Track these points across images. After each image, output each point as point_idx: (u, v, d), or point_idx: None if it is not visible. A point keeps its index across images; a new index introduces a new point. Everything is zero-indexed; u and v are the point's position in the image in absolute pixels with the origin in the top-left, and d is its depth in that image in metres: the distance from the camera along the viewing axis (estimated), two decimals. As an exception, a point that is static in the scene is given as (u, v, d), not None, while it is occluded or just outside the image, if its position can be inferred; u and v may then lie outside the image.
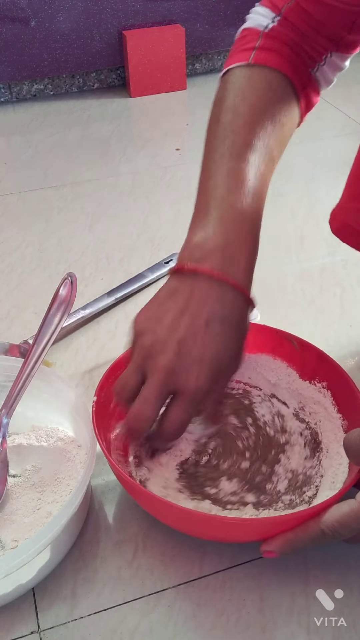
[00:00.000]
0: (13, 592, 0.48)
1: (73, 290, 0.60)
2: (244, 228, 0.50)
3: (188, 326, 0.47)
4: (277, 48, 0.57)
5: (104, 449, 0.51)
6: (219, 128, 0.55)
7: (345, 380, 0.56)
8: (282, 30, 0.58)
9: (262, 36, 0.58)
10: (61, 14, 1.38)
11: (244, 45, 0.59)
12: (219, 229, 0.50)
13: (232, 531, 0.49)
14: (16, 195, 1.11)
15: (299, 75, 0.57)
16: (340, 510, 0.45)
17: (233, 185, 0.51)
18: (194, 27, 1.48)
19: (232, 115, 0.54)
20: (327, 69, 0.60)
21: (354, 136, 1.22)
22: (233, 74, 0.57)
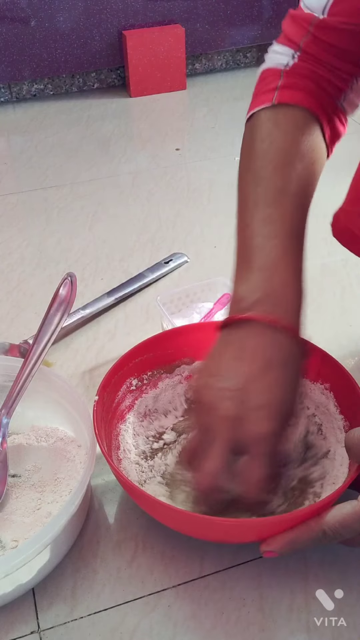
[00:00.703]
0: (13, 592, 0.48)
1: (73, 290, 0.60)
2: (287, 273, 0.49)
3: (244, 373, 0.46)
4: (300, 84, 0.56)
5: (104, 450, 0.51)
6: (250, 176, 0.54)
7: (349, 382, 0.56)
8: (303, 65, 0.57)
9: (283, 75, 0.57)
10: (61, 14, 1.38)
11: (266, 86, 0.58)
12: (262, 277, 0.49)
13: (232, 533, 0.49)
14: (16, 195, 1.11)
15: (323, 108, 0.57)
16: (342, 510, 0.45)
17: (271, 232, 0.51)
18: (194, 27, 1.48)
19: (260, 162, 0.54)
20: (352, 95, 0.59)
21: (355, 136, 1.22)
22: (258, 118, 0.57)
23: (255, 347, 0.47)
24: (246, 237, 0.52)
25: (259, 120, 0.57)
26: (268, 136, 0.55)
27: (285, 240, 0.50)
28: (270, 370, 0.46)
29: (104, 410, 0.56)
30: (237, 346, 0.47)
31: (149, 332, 0.67)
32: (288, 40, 0.58)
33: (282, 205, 0.52)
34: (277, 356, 0.46)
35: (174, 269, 0.89)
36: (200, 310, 0.74)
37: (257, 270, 0.49)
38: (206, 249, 0.93)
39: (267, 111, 0.56)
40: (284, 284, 0.49)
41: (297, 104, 0.56)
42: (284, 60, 0.58)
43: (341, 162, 0.73)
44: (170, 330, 0.65)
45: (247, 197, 0.54)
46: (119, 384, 0.60)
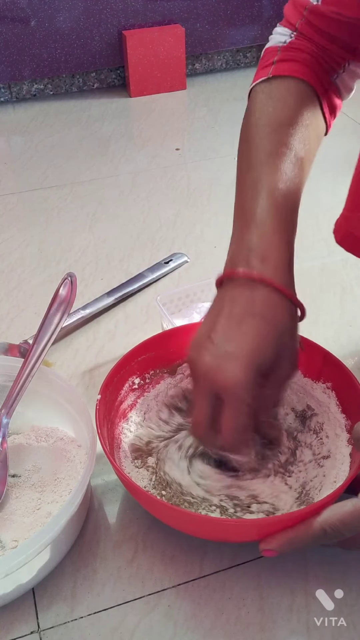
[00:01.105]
0: (13, 592, 0.49)
1: (73, 290, 0.60)
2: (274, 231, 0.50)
3: (221, 325, 0.47)
4: (295, 57, 0.58)
5: (106, 449, 0.51)
6: (244, 145, 0.56)
7: (351, 381, 0.56)
8: (299, 42, 0.59)
9: (280, 50, 0.59)
10: (61, 14, 1.38)
11: (264, 62, 0.60)
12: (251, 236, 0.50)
13: (233, 532, 0.49)
14: (16, 195, 1.11)
15: (319, 79, 0.58)
16: (343, 508, 0.45)
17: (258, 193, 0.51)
18: (194, 27, 1.48)
19: (254, 130, 0.55)
20: (346, 76, 0.60)
21: (354, 136, 1.22)
22: (255, 92, 0.59)
23: (232, 302, 0.48)
24: (239, 201, 0.53)
25: (254, 94, 0.58)
26: (260, 106, 0.56)
27: (274, 200, 0.51)
28: (246, 321, 0.47)
29: (106, 409, 0.56)
30: (218, 302, 0.49)
31: (149, 332, 0.67)
32: (287, 22, 0.60)
33: (272, 167, 0.52)
34: (257, 309, 0.47)
35: (174, 269, 0.89)
36: (200, 310, 0.74)
37: (248, 230, 0.50)
38: (206, 249, 0.93)
39: (263, 84, 0.58)
40: (272, 237, 0.50)
41: (291, 75, 0.57)
42: (282, 38, 0.60)
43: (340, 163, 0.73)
44: (173, 329, 0.65)
45: (241, 164, 0.55)
46: (121, 383, 0.60)
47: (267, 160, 0.53)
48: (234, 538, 0.51)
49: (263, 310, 0.47)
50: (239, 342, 0.46)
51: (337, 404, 0.58)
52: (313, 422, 0.59)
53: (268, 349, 0.47)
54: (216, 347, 0.46)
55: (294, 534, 0.46)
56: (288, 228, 0.51)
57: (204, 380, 0.47)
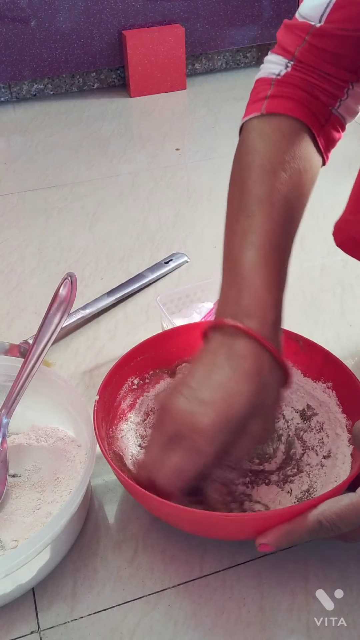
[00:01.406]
0: (13, 592, 0.49)
1: (73, 290, 0.60)
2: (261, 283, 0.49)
3: (199, 373, 0.47)
4: (289, 93, 0.56)
5: (104, 450, 0.51)
6: (235, 188, 0.55)
7: (351, 381, 0.56)
8: (295, 74, 0.57)
9: (273, 84, 0.57)
10: (61, 14, 1.38)
11: (256, 95, 0.58)
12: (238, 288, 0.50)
13: (233, 528, 0.49)
14: (16, 195, 1.11)
15: (315, 116, 0.57)
16: (340, 502, 0.45)
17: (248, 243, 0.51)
18: (194, 27, 1.48)
19: (245, 172, 0.54)
20: (350, 101, 0.59)
21: (354, 136, 1.22)
22: (246, 129, 0.57)
23: (214, 350, 0.48)
24: (228, 249, 0.52)
25: (246, 131, 0.57)
26: (253, 147, 0.55)
27: (263, 250, 0.50)
28: (222, 370, 0.46)
29: (105, 410, 0.56)
30: (202, 351, 0.49)
31: (149, 332, 0.67)
32: (282, 49, 0.58)
33: (263, 215, 0.51)
34: (233, 358, 0.47)
35: (174, 269, 0.89)
36: (200, 310, 0.74)
37: (235, 282, 0.50)
38: (206, 249, 0.93)
39: (255, 121, 0.57)
40: (260, 295, 0.49)
41: (285, 113, 0.55)
42: (276, 69, 0.58)
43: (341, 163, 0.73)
44: (172, 329, 0.65)
45: (232, 209, 0.54)
46: (120, 383, 0.60)
47: (258, 208, 0.52)
48: (232, 534, 0.51)
49: (241, 362, 0.47)
50: (212, 390, 0.46)
51: (338, 404, 0.58)
52: (313, 422, 0.59)
53: (241, 400, 0.46)
54: (190, 391, 0.46)
55: (290, 527, 0.45)
56: (278, 283, 0.50)
57: (171, 420, 0.47)
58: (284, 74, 0.57)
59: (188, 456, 0.46)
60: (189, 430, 0.45)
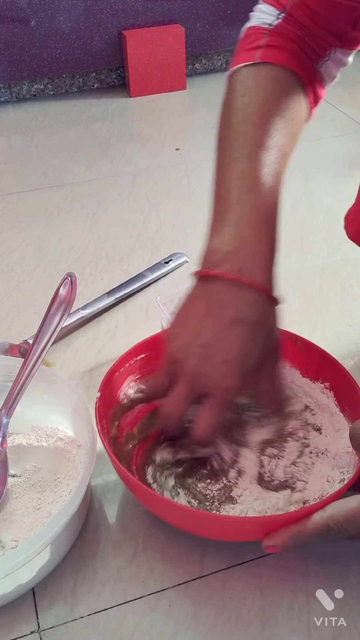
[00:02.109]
0: (13, 592, 0.49)
1: (73, 290, 0.60)
2: (259, 227, 0.50)
3: (211, 329, 0.48)
4: (283, 44, 0.57)
5: (107, 446, 0.51)
6: (229, 130, 0.55)
7: (349, 381, 0.56)
8: (286, 26, 0.58)
9: (267, 33, 0.58)
10: (61, 14, 1.38)
11: (249, 44, 0.59)
12: (234, 231, 0.50)
13: (234, 529, 0.49)
14: (16, 195, 1.11)
15: (305, 69, 0.58)
16: (348, 505, 0.45)
17: (246, 186, 0.51)
18: (194, 27, 1.48)
19: (241, 116, 0.55)
20: (331, 64, 0.60)
21: (354, 136, 1.22)
22: (240, 74, 0.58)
23: (220, 304, 0.49)
24: (222, 190, 0.53)
25: (240, 76, 0.57)
26: (249, 92, 0.56)
27: (259, 195, 0.51)
28: (233, 327, 0.48)
29: (106, 407, 0.56)
30: (205, 302, 0.49)
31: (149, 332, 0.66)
32: (275, 0, 0.59)
33: (258, 160, 0.52)
34: (242, 313, 0.48)
35: (174, 269, 0.89)
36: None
37: (230, 223, 0.50)
38: (206, 249, 0.93)
39: (249, 68, 0.57)
40: (255, 238, 0.50)
41: (279, 63, 0.56)
42: (268, 19, 0.59)
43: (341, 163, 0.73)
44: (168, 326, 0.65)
45: (225, 151, 0.54)
46: (120, 381, 0.60)
47: (254, 152, 0.52)
48: (235, 536, 0.51)
49: (252, 316, 0.48)
50: (229, 348, 0.48)
51: (336, 404, 0.58)
52: (311, 423, 0.59)
53: (255, 352, 0.49)
54: (206, 350, 0.48)
55: (297, 530, 0.46)
56: (272, 225, 0.52)
57: (189, 381, 0.48)
58: (276, 25, 0.58)
59: (218, 411, 0.49)
60: (218, 390, 0.48)
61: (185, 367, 0.48)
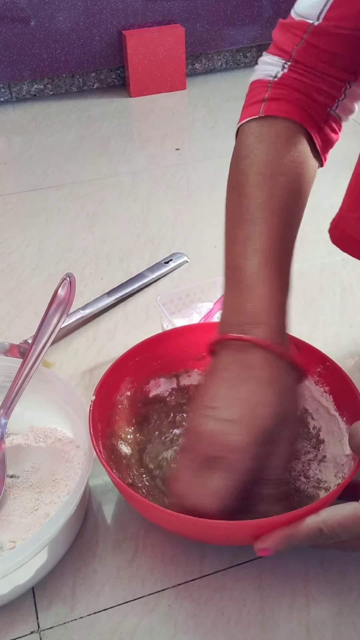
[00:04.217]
0: (11, 593, 0.48)
1: (72, 291, 0.60)
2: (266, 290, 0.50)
3: (219, 393, 0.47)
4: (287, 96, 0.56)
5: (98, 452, 0.51)
6: (234, 193, 0.55)
7: (348, 385, 0.56)
8: (292, 75, 0.57)
9: (271, 86, 0.57)
10: (61, 14, 1.38)
11: (253, 98, 0.58)
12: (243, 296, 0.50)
13: (230, 535, 0.49)
14: (16, 195, 1.11)
15: (312, 118, 0.56)
16: (342, 511, 0.45)
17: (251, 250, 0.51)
18: (194, 27, 1.48)
19: (244, 178, 0.54)
20: (347, 101, 0.59)
21: (354, 136, 1.22)
22: (243, 132, 0.57)
23: (226, 366, 0.48)
24: (230, 257, 0.52)
25: (244, 134, 0.57)
26: (251, 151, 0.55)
27: (266, 257, 0.50)
28: (244, 385, 0.47)
29: (102, 411, 0.56)
30: (214, 369, 0.49)
31: (149, 332, 0.67)
32: (279, 49, 0.58)
33: (264, 222, 0.51)
34: (254, 372, 0.47)
35: (174, 269, 0.89)
36: (200, 310, 0.74)
37: (239, 290, 0.50)
38: (206, 249, 0.93)
39: (252, 124, 0.56)
40: (264, 301, 0.49)
41: (282, 116, 0.55)
42: (272, 71, 0.58)
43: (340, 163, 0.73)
44: (170, 330, 0.65)
45: (231, 215, 0.54)
46: (117, 384, 0.60)
47: (259, 214, 0.52)
48: (229, 541, 0.51)
49: (258, 373, 0.47)
50: (238, 406, 0.46)
51: (335, 408, 0.58)
52: (311, 426, 0.59)
53: (267, 411, 0.46)
54: (217, 412, 0.46)
55: (290, 532, 0.45)
56: (282, 288, 0.51)
57: (202, 444, 0.46)
58: (280, 76, 0.57)
59: (227, 475, 0.46)
60: (224, 450, 0.45)
61: (200, 431, 0.47)
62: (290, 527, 0.45)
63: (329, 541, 0.45)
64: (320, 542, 0.45)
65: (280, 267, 0.51)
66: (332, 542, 0.45)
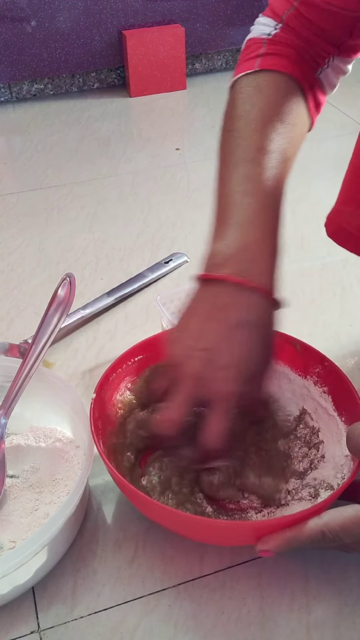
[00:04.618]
0: (10, 593, 0.48)
1: (71, 291, 0.60)
2: (261, 230, 0.50)
3: (213, 333, 0.47)
4: (282, 51, 0.57)
5: (100, 448, 0.51)
6: (231, 137, 0.55)
7: (347, 386, 0.56)
8: (285, 35, 0.58)
9: (265, 43, 0.58)
10: (61, 14, 1.38)
11: (248, 54, 0.59)
12: (236, 234, 0.50)
13: (230, 535, 0.49)
14: (16, 195, 1.11)
15: (305, 75, 0.58)
16: (344, 514, 0.45)
17: (248, 189, 0.51)
18: (194, 27, 1.48)
19: (242, 122, 0.55)
20: (330, 72, 0.60)
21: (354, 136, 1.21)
22: (240, 83, 0.58)
23: (222, 308, 0.48)
24: (224, 195, 0.53)
25: (240, 85, 0.58)
26: (249, 99, 0.56)
27: (261, 198, 0.51)
28: (235, 330, 0.47)
29: (102, 409, 0.56)
30: (207, 305, 0.49)
31: (149, 332, 0.67)
32: (272, 12, 0.60)
33: (260, 164, 0.52)
34: (244, 317, 0.48)
35: (174, 268, 0.89)
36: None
37: (232, 227, 0.50)
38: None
39: (249, 76, 0.57)
40: (258, 241, 0.50)
41: (279, 70, 0.56)
42: (267, 30, 0.59)
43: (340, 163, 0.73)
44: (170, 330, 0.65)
45: (227, 156, 0.54)
46: (117, 383, 0.60)
47: (256, 156, 0.52)
48: (229, 541, 0.51)
49: (254, 318, 0.48)
50: (232, 352, 0.47)
51: (334, 408, 0.58)
52: (310, 426, 0.59)
53: (258, 356, 0.48)
54: (208, 354, 0.47)
55: (292, 535, 0.45)
56: (275, 228, 0.51)
57: (191, 385, 0.47)
58: (274, 35, 0.59)
59: (223, 418, 0.47)
60: (221, 395, 0.47)
61: (186, 370, 0.47)
62: (293, 529, 0.45)
63: (331, 544, 0.45)
64: (323, 544, 0.45)
65: (273, 210, 0.52)
66: (333, 544, 0.45)
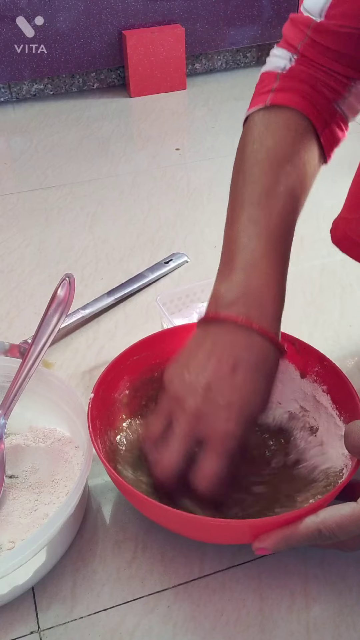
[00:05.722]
0: (10, 593, 0.48)
1: (71, 291, 0.60)
2: (265, 275, 0.50)
3: (215, 371, 0.47)
4: (295, 87, 0.56)
5: (98, 449, 0.51)
6: (239, 178, 0.55)
7: (345, 384, 0.56)
8: (300, 68, 0.57)
9: (279, 77, 0.58)
10: (61, 14, 1.38)
11: (261, 89, 0.59)
12: (241, 278, 0.50)
13: (227, 534, 0.49)
14: (16, 195, 1.11)
15: (319, 111, 0.57)
16: (341, 511, 0.45)
17: (253, 232, 0.51)
18: (194, 27, 1.48)
19: (251, 163, 0.55)
20: (352, 99, 0.59)
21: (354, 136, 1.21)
22: (252, 120, 0.58)
23: (226, 347, 0.48)
24: (231, 236, 0.53)
25: (252, 122, 0.57)
26: (258, 138, 0.56)
27: (268, 240, 0.51)
28: (238, 370, 0.47)
29: (100, 408, 0.56)
30: (210, 343, 0.49)
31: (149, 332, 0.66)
32: (287, 43, 0.58)
33: (268, 206, 0.52)
34: (247, 358, 0.48)
35: (174, 269, 0.89)
36: (200, 310, 0.74)
37: (238, 269, 0.50)
38: (206, 249, 0.93)
39: (260, 113, 0.57)
40: (263, 284, 0.50)
41: (289, 106, 0.56)
42: (281, 63, 0.58)
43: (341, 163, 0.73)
44: (168, 329, 0.65)
45: (236, 198, 0.54)
46: (115, 382, 0.59)
47: (263, 199, 0.52)
48: (226, 539, 0.51)
49: (257, 360, 0.48)
50: (233, 392, 0.47)
51: (333, 407, 0.58)
52: (308, 426, 0.59)
53: (258, 399, 0.48)
54: (211, 393, 0.47)
55: (289, 533, 0.45)
56: (280, 272, 0.51)
57: (189, 424, 0.47)
58: (288, 68, 0.58)
59: (221, 458, 0.47)
60: (218, 435, 0.47)
61: (186, 407, 0.47)
62: (289, 527, 0.45)
63: (327, 541, 0.45)
64: (319, 542, 0.45)
65: (279, 254, 0.52)
66: (330, 542, 0.45)
